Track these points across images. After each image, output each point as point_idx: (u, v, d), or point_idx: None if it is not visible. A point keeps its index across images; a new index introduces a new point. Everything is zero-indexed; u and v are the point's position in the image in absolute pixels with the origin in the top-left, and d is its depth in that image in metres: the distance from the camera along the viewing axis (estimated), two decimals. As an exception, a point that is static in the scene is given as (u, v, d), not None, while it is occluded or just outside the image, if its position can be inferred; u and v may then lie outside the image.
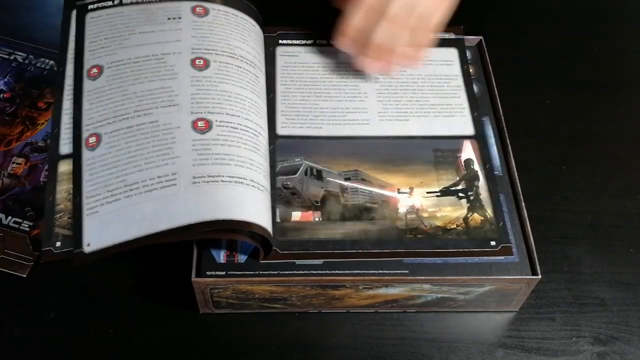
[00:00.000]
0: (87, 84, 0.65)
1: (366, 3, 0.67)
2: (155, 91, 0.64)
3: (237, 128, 0.64)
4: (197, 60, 0.67)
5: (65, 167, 0.62)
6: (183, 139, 0.62)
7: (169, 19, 0.69)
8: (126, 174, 0.60)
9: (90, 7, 0.69)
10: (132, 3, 0.70)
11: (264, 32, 0.76)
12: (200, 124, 0.63)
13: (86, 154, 0.61)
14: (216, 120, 0.63)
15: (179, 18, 0.69)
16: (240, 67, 0.68)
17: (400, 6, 0.66)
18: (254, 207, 0.60)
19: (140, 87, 0.64)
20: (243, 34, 0.71)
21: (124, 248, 0.57)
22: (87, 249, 0.58)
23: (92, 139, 0.62)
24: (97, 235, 0.58)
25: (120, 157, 0.61)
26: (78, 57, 0.66)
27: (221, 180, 0.60)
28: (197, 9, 0.70)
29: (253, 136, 0.64)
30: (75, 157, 0.62)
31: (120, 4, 0.70)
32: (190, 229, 0.57)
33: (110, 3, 0.70)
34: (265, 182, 0.63)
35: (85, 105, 0.64)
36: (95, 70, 0.65)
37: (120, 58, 0.66)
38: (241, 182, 0.60)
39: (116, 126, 0.62)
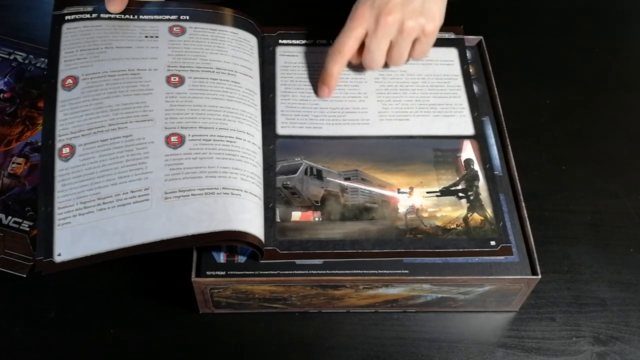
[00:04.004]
0: (62, 94, 0.65)
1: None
2: (130, 105, 0.65)
3: (209, 140, 0.64)
4: (172, 77, 0.67)
5: None
6: (156, 154, 0.62)
7: (146, 37, 0.70)
8: (100, 187, 0.61)
9: (67, 17, 0.69)
10: (110, 18, 0.70)
11: (263, 33, 0.76)
12: (173, 139, 0.63)
13: (59, 165, 0.62)
14: (189, 135, 0.64)
15: (156, 37, 0.70)
16: (216, 79, 0.68)
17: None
18: (225, 214, 0.60)
19: (115, 100, 0.65)
20: (221, 45, 0.71)
21: (96, 260, 0.58)
22: (57, 258, 0.58)
23: (66, 150, 0.62)
24: (69, 246, 0.59)
25: (94, 170, 0.61)
26: (53, 66, 0.66)
27: (192, 194, 0.61)
28: (174, 28, 0.71)
29: (228, 143, 0.65)
30: (47, 166, 0.62)
31: (98, 17, 0.70)
32: (163, 243, 0.58)
33: (87, 16, 0.69)
34: (245, 184, 0.63)
35: (60, 115, 0.64)
36: (70, 80, 0.65)
37: (96, 70, 0.66)
38: (212, 193, 0.61)
39: (90, 139, 0.63)
